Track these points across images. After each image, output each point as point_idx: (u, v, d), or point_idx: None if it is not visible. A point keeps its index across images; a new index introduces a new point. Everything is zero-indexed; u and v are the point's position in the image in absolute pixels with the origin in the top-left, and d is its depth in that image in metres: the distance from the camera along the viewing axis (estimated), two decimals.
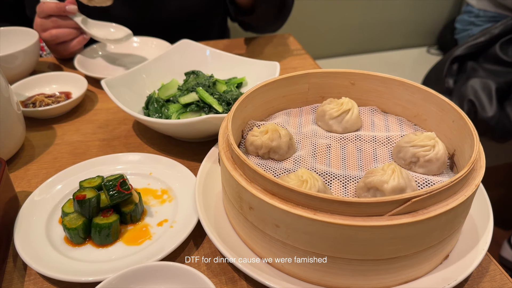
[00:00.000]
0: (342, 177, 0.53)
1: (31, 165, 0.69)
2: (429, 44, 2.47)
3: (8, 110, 0.67)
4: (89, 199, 0.53)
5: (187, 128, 0.66)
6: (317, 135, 0.61)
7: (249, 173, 0.47)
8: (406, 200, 0.42)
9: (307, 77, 0.66)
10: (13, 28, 0.96)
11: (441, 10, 2.39)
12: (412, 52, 2.42)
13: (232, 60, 0.86)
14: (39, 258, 0.50)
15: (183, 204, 0.59)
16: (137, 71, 0.80)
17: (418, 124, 0.63)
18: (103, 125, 0.79)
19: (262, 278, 0.47)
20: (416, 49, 2.44)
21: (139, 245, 0.53)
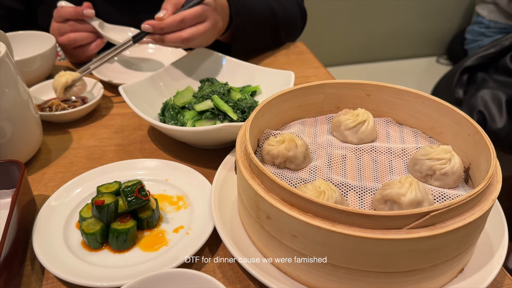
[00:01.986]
0: (358, 188, 0.54)
1: (47, 168, 0.70)
2: (439, 54, 2.48)
3: (27, 113, 0.68)
4: (107, 205, 0.53)
5: (203, 135, 0.67)
6: (332, 146, 0.61)
7: (267, 183, 0.47)
8: (424, 214, 0.42)
9: (322, 88, 0.66)
10: (30, 32, 0.98)
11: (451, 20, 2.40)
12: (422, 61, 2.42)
13: (247, 69, 0.86)
14: (57, 262, 0.51)
15: (198, 211, 0.59)
16: (154, 77, 0.81)
17: (433, 137, 0.63)
18: (119, 130, 0.80)
19: (277, 287, 0.47)
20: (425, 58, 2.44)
21: (156, 251, 0.54)
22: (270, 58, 1.11)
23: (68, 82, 0.83)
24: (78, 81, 0.84)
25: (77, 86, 0.84)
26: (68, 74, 0.83)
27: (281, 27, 1.11)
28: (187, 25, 0.81)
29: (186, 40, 0.81)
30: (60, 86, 0.82)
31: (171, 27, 0.80)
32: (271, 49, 1.15)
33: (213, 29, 0.85)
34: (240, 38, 1.00)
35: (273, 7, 1.08)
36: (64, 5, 0.94)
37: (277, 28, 1.10)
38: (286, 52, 1.14)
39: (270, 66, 0.88)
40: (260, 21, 1.04)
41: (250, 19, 1.00)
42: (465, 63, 1.82)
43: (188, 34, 0.81)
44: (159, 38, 0.82)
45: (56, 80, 0.83)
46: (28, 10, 1.10)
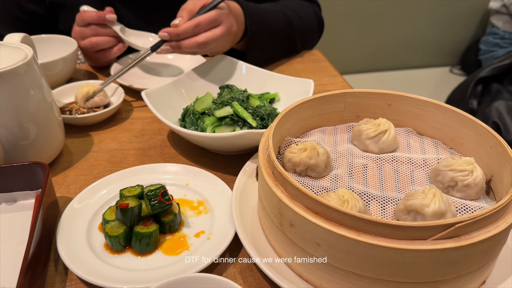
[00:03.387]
0: (380, 198, 0.54)
1: (69, 171, 0.71)
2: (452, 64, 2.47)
3: (51, 115, 0.70)
4: (131, 208, 0.54)
5: (224, 141, 0.68)
6: (353, 155, 0.62)
7: (291, 191, 0.48)
8: (450, 225, 0.42)
9: (343, 96, 0.67)
10: (52, 36, 1.00)
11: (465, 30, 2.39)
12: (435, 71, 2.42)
13: (266, 76, 0.87)
14: (81, 264, 0.52)
15: (219, 216, 0.60)
16: (175, 83, 0.82)
17: (453, 148, 0.63)
18: (139, 134, 0.81)
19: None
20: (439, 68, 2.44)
21: (177, 256, 0.54)
22: (286, 65, 1.12)
23: (89, 93, 0.85)
24: (99, 92, 0.86)
25: (99, 97, 0.86)
26: (90, 85, 0.85)
27: (297, 36, 1.11)
28: (202, 29, 0.83)
29: (202, 45, 0.83)
30: (81, 96, 0.85)
31: (186, 32, 0.82)
32: (286, 57, 1.15)
33: (228, 33, 0.86)
34: (255, 47, 1.01)
35: (289, 17, 1.09)
36: (86, 10, 0.96)
37: (293, 37, 1.11)
38: (302, 59, 1.15)
39: (286, 73, 0.88)
40: (275, 30, 1.05)
41: (266, 28, 1.01)
42: (479, 74, 1.82)
43: (204, 39, 0.82)
44: (176, 45, 0.83)
45: (79, 90, 0.85)
46: (48, 14, 1.12)
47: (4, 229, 0.59)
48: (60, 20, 1.12)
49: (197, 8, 0.85)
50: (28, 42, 0.75)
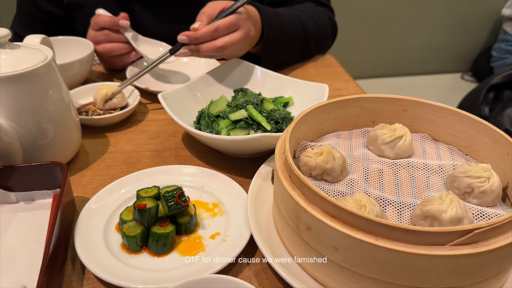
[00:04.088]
0: (396, 203, 0.54)
1: (86, 171, 0.72)
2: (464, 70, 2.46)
3: (68, 116, 0.71)
4: (149, 209, 0.55)
5: (240, 144, 0.68)
6: (368, 159, 0.62)
7: (309, 194, 0.48)
8: (468, 231, 0.42)
9: (359, 101, 0.67)
10: (69, 38, 1.01)
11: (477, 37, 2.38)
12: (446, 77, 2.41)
13: (280, 80, 0.88)
14: (99, 263, 0.52)
15: (234, 219, 0.60)
16: (191, 86, 0.83)
17: (469, 154, 0.63)
18: (154, 136, 0.82)
19: None
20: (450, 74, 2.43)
21: (193, 257, 0.55)
22: (300, 70, 1.12)
23: (108, 95, 0.86)
24: (117, 94, 0.87)
25: (117, 99, 0.87)
26: (108, 87, 0.87)
27: (311, 42, 1.12)
28: (221, 34, 0.84)
29: (221, 49, 0.83)
30: (100, 98, 0.86)
31: (205, 36, 0.83)
32: (300, 61, 1.16)
33: (246, 37, 0.87)
34: (270, 51, 1.02)
35: (305, 22, 1.10)
36: (101, 14, 0.97)
37: (307, 42, 1.11)
38: (315, 64, 1.16)
39: (300, 78, 0.89)
40: (291, 35, 1.06)
41: (282, 33, 1.02)
42: (491, 81, 1.81)
43: (222, 43, 0.83)
44: (194, 48, 0.84)
45: (97, 92, 0.87)
46: (65, 15, 1.13)
47: (22, 228, 0.60)
48: (77, 21, 1.13)
49: (216, 12, 0.86)
50: (47, 44, 0.77)
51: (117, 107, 0.87)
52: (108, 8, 1.03)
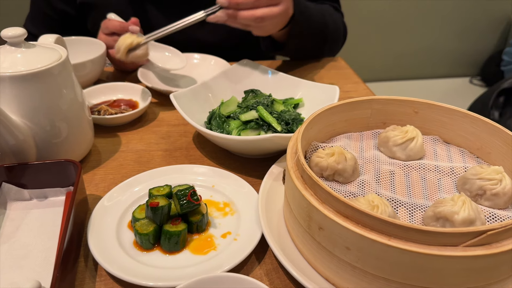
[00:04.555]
0: (408, 204, 0.54)
1: (98, 169, 0.73)
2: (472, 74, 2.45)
3: (81, 115, 0.71)
4: (162, 207, 0.55)
5: (251, 144, 0.68)
6: (380, 161, 0.62)
7: (321, 194, 0.48)
8: (481, 233, 0.42)
9: (370, 103, 0.67)
10: (82, 38, 1.02)
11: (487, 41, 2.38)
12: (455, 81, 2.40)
13: (291, 82, 0.88)
14: (112, 260, 0.53)
15: (245, 218, 0.61)
16: (202, 86, 0.84)
17: (480, 157, 0.63)
18: (165, 136, 0.83)
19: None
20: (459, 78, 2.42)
21: (205, 255, 0.55)
22: (309, 72, 1.13)
23: (132, 44, 0.83)
24: (142, 45, 0.84)
25: (141, 50, 0.84)
26: (133, 36, 0.83)
27: (328, 39, 1.12)
28: (262, 4, 0.83)
29: (259, 19, 0.83)
30: (124, 46, 0.83)
31: (247, 3, 0.82)
32: (312, 59, 1.17)
33: (284, 13, 0.87)
34: (296, 36, 1.02)
35: (326, 19, 1.11)
36: (113, 18, 0.98)
37: (325, 39, 1.12)
38: (325, 66, 1.16)
39: (309, 80, 0.89)
40: (315, 26, 1.07)
41: (308, 21, 1.02)
42: (502, 85, 1.80)
43: (261, 13, 0.83)
44: (232, 14, 0.83)
45: (121, 40, 0.83)
46: (78, 15, 1.14)
47: (35, 224, 0.61)
48: (89, 21, 1.15)
49: None
50: (61, 43, 0.78)
51: (140, 59, 0.84)
52: (121, 8, 1.04)
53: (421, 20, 2.23)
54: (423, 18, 2.22)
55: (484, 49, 2.39)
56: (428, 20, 2.24)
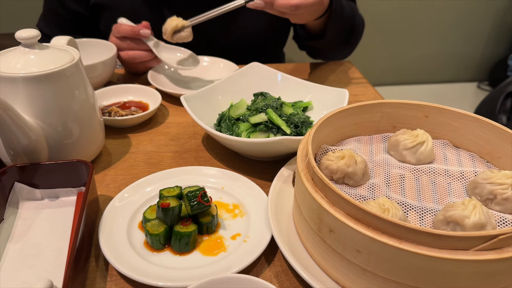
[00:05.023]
0: (418, 208, 0.54)
1: (108, 170, 0.74)
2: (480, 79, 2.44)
3: (93, 116, 0.72)
4: (172, 208, 0.56)
5: (261, 147, 0.69)
6: (390, 165, 0.62)
7: (332, 197, 0.49)
8: (493, 237, 0.42)
9: (380, 107, 0.67)
10: (93, 40, 1.03)
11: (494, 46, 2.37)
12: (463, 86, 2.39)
13: (301, 85, 0.88)
14: (123, 260, 0.53)
15: (255, 220, 0.61)
16: (212, 89, 0.85)
17: (490, 162, 0.63)
18: (175, 137, 0.83)
19: None
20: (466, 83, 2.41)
21: (215, 256, 0.56)
22: (318, 75, 1.13)
23: (178, 26, 0.90)
24: (187, 28, 0.91)
25: (185, 32, 0.91)
26: (179, 20, 0.91)
27: (355, 35, 1.13)
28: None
29: (294, 7, 0.85)
30: (170, 28, 0.90)
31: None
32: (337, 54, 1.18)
33: (320, 3, 0.90)
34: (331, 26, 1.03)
35: (355, 14, 1.13)
36: (124, 22, 0.99)
37: (351, 35, 1.12)
38: (334, 70, 1.16)
39: (318, 83, 0.89)
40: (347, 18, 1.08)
41: (342, 11, 1.04)
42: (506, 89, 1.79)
43: (298, 2, 0.86)
44: (269, 1, 0.86)
45: (168, 23, 0.91)
46: (91, 15, 1.16)
47: (47, 224, 0.62)
48: (102, 22, 1.16)
49: None
50: (73, 45, 0.79)
51: (184, 41, 0.91)
52: (134, 10, 1.05)
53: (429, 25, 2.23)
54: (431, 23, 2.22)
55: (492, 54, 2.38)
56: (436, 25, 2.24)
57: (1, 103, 0.58)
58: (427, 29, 2.25)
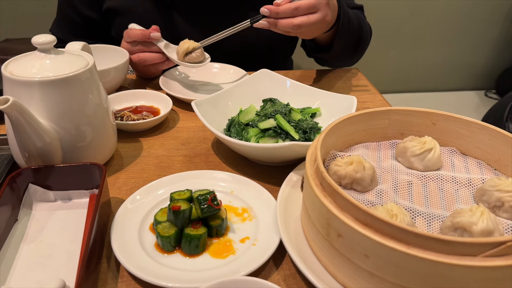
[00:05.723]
0: (426, 214, 0.55)
1: (120, 173, 0.75)
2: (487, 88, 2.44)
3: (106, 120, 0.73)
4: (183, 210, 0.57)
5: (270, 152, 0.70)
6: (397, 171, 0.63)
7: (340, 202, 0.49)
8: (501, 243, 0.43)
9: (388, 114, 0.68)
10: (105, 46, 1.05)
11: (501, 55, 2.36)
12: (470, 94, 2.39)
13: (310, 92, 0.90)
14: (134, 261, 0.54)
15: (263, 224, 0.62)
16: (222, 94, 0.86)
17: (498, 169, 0.64)
18: (185, 142, 0.85)
19: None
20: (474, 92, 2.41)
21: (224, 259, 0.56)
22: (326, 82, 1.14)
23: (189, 49, 0.97)
24: (197, 49, 0.98)
25: (196, 53, 0.98)
26: (190, 42, 0.98)
27: (360, 44, 1.14)
28: (300, 13, 0.88)
29: (297, 27, 0.87)
30: (182, 50, 0.98)
31: (285, 13, 0.87)
32: (346, 63, 1.20)
33: (322, 21, 0.91)
34: (339, 40, 1.05)
35: (363, 25, 1.14)
36: (133, 28, 1.01)
37: (358, 44, 1.14)
38: (341, 77, 1.17)
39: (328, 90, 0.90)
40: (353, 37, 1.10)
41: (350, 30, 1.06)
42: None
43: (299, 22, 0.87)
44: (273, 22, 0.89)
45: (180, 45, 0.99)
46: (104, 21, 1.18)
47: (59, 225, 0.63)
48: (113, 27, 1.18)
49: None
50: (87, 50, 0.81)
51: (195, 61, 0.98)
52: (146, 15, 1.07)
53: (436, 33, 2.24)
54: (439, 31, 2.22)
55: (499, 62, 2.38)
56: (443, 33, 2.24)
57: (18, 106, 0.59)
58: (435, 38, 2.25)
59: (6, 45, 1.73)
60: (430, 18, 2.20)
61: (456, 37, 2.27)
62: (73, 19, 1.17)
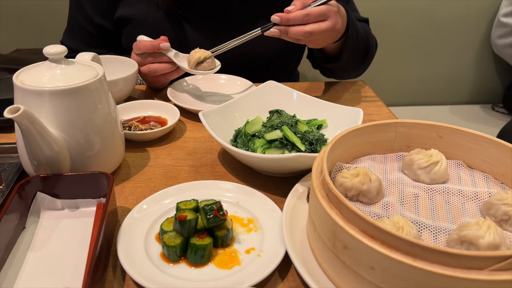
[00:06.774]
0: (432, 227, 0.54)
1: (127, 182, 0.75)
2: (494, 102, 2.43)
3: (114, 130, 0.74)
4: (189, 220, 0.57)
5: (276, 163, 0.70)
6: (404, 183, 0.63)
7: (346, 214, 0.49)
8: (508, 257, 0.42)
9: (395, 126, 0.68)
10: (115, 57, 1.06)
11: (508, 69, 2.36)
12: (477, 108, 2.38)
13: (316, 103, 0.90)
14: (140, 271, 0.54)
15: (269, 235, 0.62)
16: (228, 106, 0.87)
17: (505, 183, 0.63)
18: (192, 152, 0.85)
19: None
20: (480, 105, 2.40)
21: (229, 270, 0.56)
22: (332, 94, 1.14)
23: (200, 58, 0.99)
24: (208, 59, 1.00)
25: (207, 63, 1.00)
26: (202, 51, 1.00)
27: (367, 56, 1.16)
28: (311, 20, 0.88)
29: (308, 34, 0.88)
30: (193, 60, 0.99)
31: (296, 20, 0.88)
32: (354, 74, 1.20)
33: (332, 29, 0.92)
34: (347, 50, 1.06)
35: (369, 37, 1.15)
36: (144, 39, 1.03)
37: (365, 56, 1.15)
38: (348, 89, 1.18)
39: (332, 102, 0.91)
40: (362, 44, 1.11)
41: (357, 41, 1.07)
42: None
43: (310, 29, 0.88)
44: (284, 29, 0.89)
45: (191, 55, 1.00)
46: (115, 30, 1.19)
47: (66, 233, 0.63)
48: (124, 36, 1.19)
49: (309, 2, 0.91)
50: (97, 61, 0.82)
51: (206, 69, 0.99)
52: (157, 24, 1.08)
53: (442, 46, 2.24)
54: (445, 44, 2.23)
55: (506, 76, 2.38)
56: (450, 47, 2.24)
57: (28, 115, 0.60)
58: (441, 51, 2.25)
59: (17, 55, 1.76)
60: (437, 31, 2.21)
61: (462, 50, 2.27)
62: (86, 29, 1.19)
